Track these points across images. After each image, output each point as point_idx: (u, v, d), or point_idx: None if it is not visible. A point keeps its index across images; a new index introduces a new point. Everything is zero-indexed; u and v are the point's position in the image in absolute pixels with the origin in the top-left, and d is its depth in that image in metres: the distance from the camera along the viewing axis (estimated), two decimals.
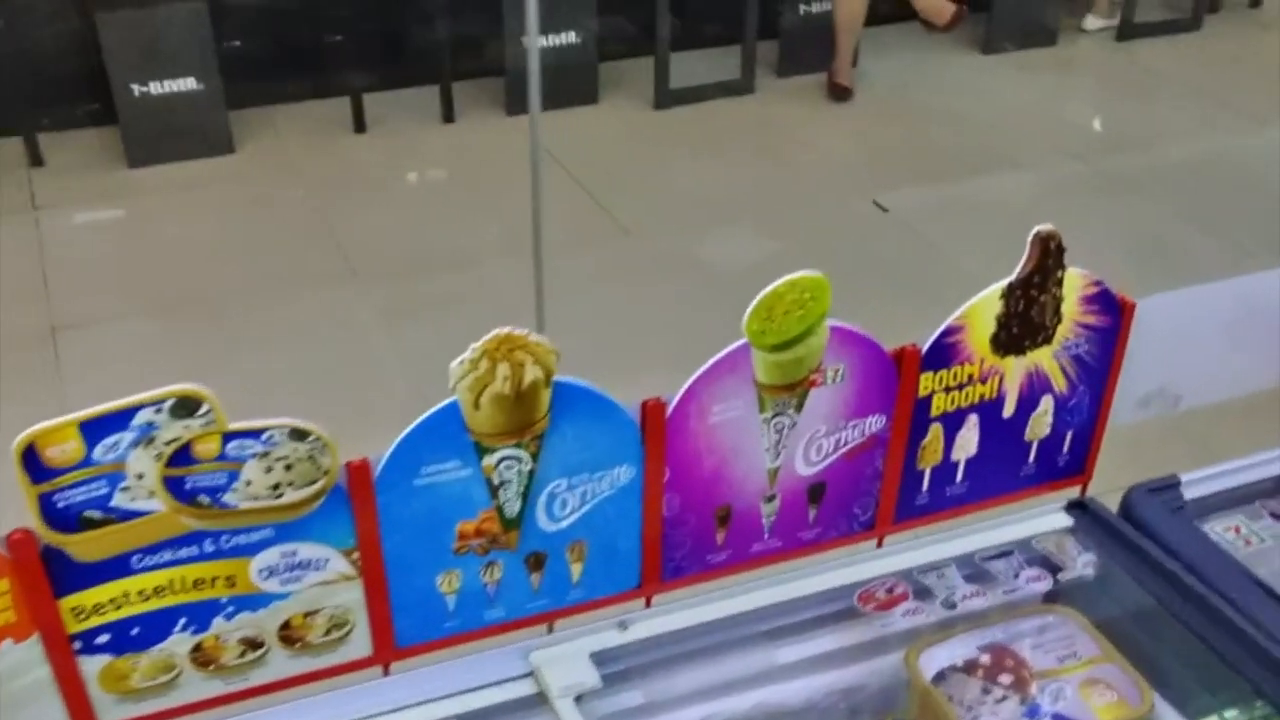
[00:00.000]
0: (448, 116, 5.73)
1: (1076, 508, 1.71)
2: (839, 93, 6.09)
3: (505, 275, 4.23)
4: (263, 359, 3.98)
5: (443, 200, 5.27)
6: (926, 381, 1.52)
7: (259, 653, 1.38)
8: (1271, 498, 1.74)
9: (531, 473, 1.38)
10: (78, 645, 1.30)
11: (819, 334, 1.42)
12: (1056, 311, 1.53)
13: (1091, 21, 6.99)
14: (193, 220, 4.93)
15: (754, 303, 1.37)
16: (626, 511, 1.46)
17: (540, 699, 1.47)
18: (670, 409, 1.41)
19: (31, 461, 1.18)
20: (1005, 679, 1.52)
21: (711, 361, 1.40)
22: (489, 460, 1.35)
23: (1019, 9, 6.69)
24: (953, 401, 1.56)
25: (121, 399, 1.20)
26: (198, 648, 1.35)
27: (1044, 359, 1.57)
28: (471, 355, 1.28)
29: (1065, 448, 1.67)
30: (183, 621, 1.33)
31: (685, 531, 1.51)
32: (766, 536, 1.57)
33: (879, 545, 1.65)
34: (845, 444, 1.53)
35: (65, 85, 5.30)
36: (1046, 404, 1.61)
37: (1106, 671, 1.52)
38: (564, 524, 1.44)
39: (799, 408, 1.47)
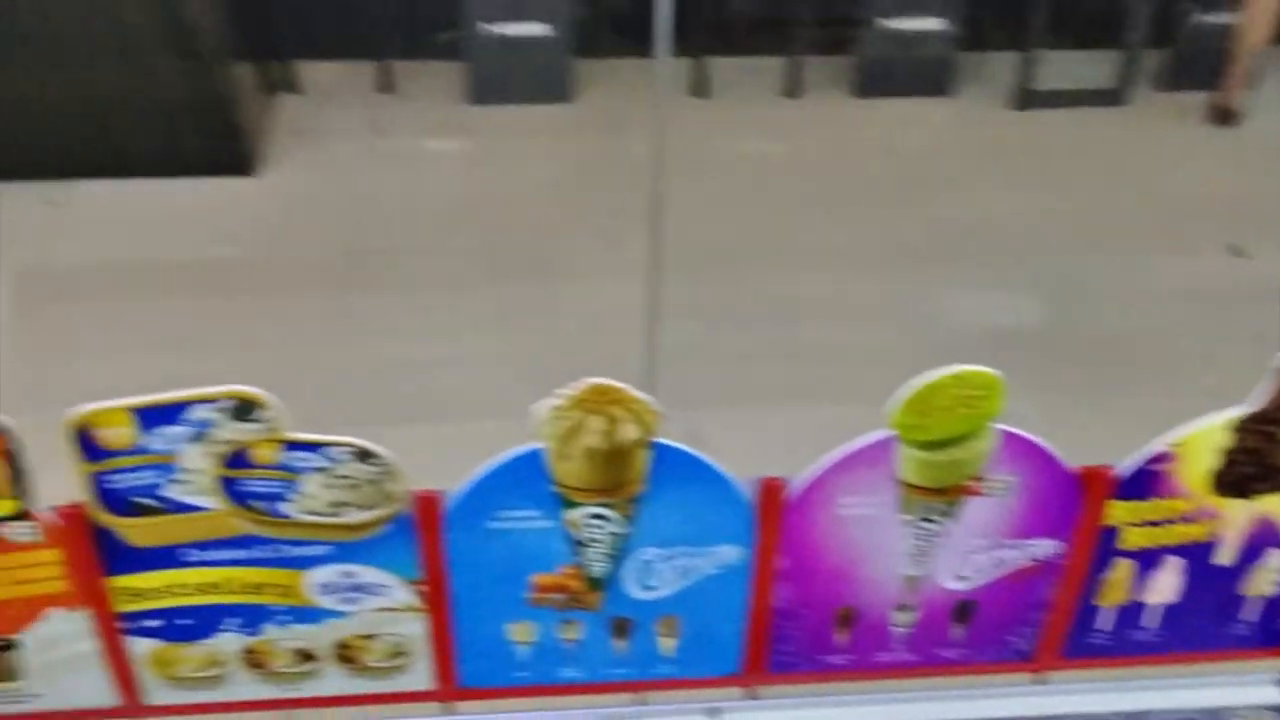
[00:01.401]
0: (792, 91, 5.36)
1: None
2: (1223, 117, 5.19)
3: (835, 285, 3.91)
4: (541, 315, 3.88)
5: (777, 186, 4.85)
6: (1119, 511, 1.25)
7: (312, 665, 1.30)
8: None
9: (622, 535, 1.22)
10: (127, 625, 1.25)
11: (984, 438, 1.18)
12: None
13: None
14: (517, 165, 4.87)
15: (907, 392, 1.15)
16: (730, 594, 1.28)
17: None
18: (793, 493, 1.22)
19: (85, 441, 1.12)
20: None
21: (846, 450, 1.19)
22: (574, 514, 1.20)
23: None
24: (1151, 538, 1.28)
25: (181, 391, 1.12)
26: (249, 650, 1.28)
27: (1278, 507, 1.27)
28: (561, 403, 1.13)
29: None
30: (234, 621, 1.26)
31: (798, 626, 1.32)
32: (897, 647, 1.35)
33: (1037, 681, 1.40)
34: (1006, 565, 1.29)
35: (424, 18, 5.37)
36: (1274, 559, 1.31)
37: None
38: (655, 595, 1.27)
39: (951, 515, 1.24)
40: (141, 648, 1.27)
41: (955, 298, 3.92)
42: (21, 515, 1.16)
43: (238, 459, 1.14)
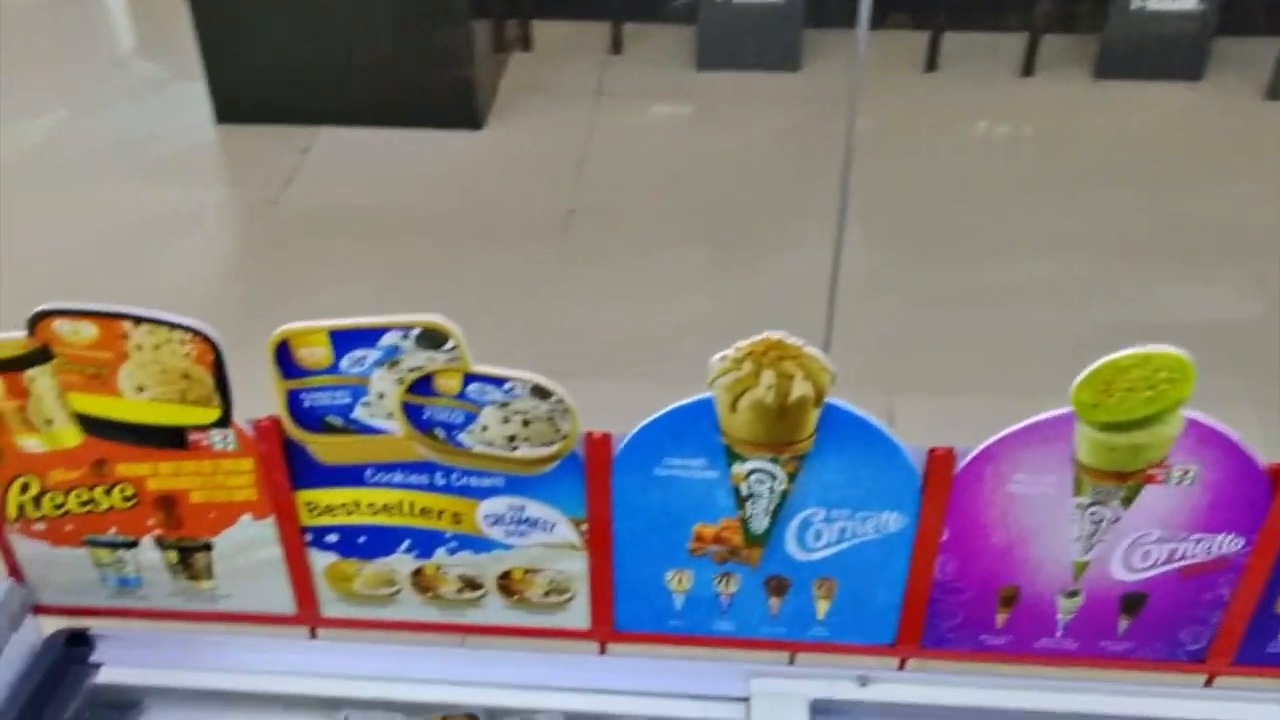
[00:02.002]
0: (1027, 69, 5.12)
1: None
2: None
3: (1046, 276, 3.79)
4: (746, 282, 3.87)
5: (1002, 167, 4.65)
6: None
7: (477, 594, 1.35)
8: None
9: (785, 493, 1.23)
10: (309, 538, 1.32)
11: (1170, 424, 1.14)
12: None
13: None
14: (739, 132, 4.84)
15: (1089, 369, 1.12)
16: (891, 562, 1.27)
17: None
18: (961, 465, 1.20)
19: (284, 358, 1.19)
20: None
21: (1022, 424, 1.17)
22: (739, 468, 1.21)
23: None
24: None
25: (375, 317, 1.18)
26: (419, 572, 1.34)
27: None
28: (734, 354, 1.14)
29: None
30: (407, 543, 1.32)
31: (958, 601, 1.30)
32: (1059, 634, 1.32)
33: (1207, 685, 1.34)
34: (1181, 558, 1.24)
35: None
36: None
37: None
38: (815, 556, 1.28)
39: (1127, 502, 1.20)
40: (321, 561, 1.34)
41: (1177, 293, 3.75)
42: (223, 424, 1.24)
43: (422, 386, 1.19)
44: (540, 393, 1.19)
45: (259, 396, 1.26)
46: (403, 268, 3.84)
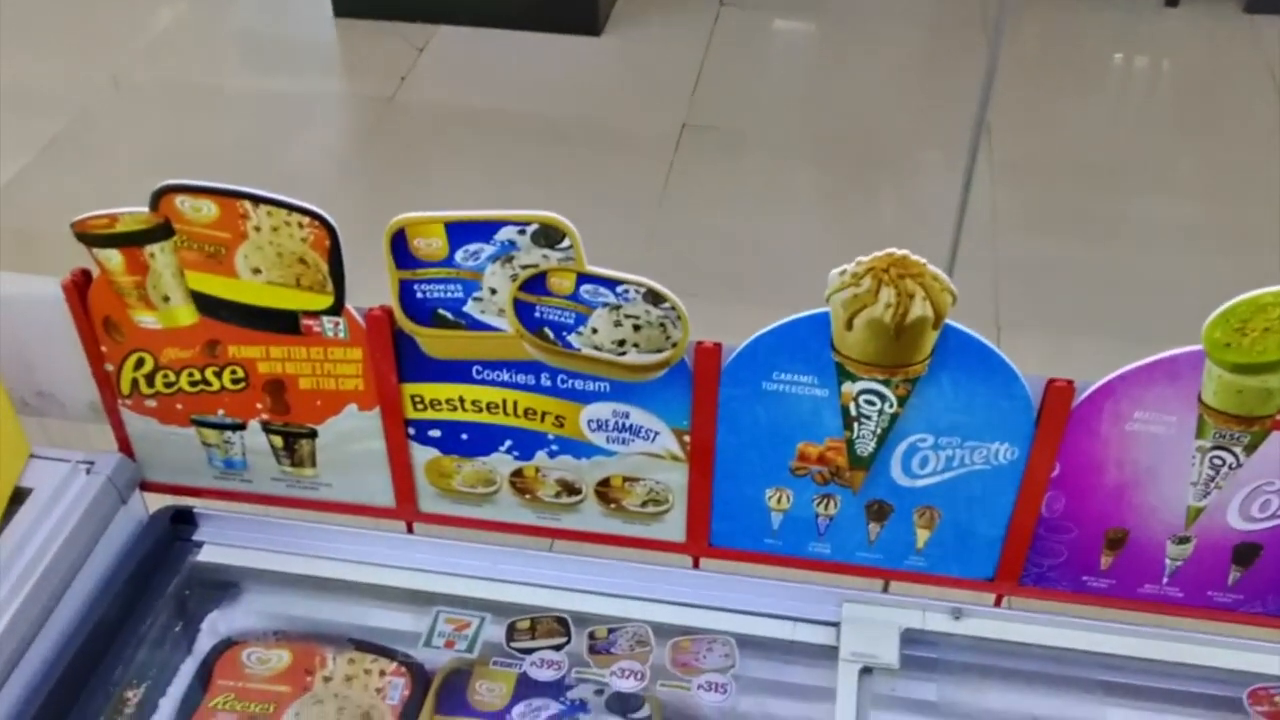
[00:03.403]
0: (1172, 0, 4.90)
1: None
2: None
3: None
4: (867, 207, 3.80)
5: (1138, 100, 4.50)
6: None
7: (575, 499, 1.35)
8: None
9: (895, 416, 1.20)
10: (411, 432, 1.33)
11: None
12: None
13: None
14: (869, 52, 4.66)
15: (1223, 306, 1.08)
16: (997, 495, 1.25)
17: (834, 653, 1.32)
18: (1081, 399, 1.17)
19: (399, 248, 1.19)
20: None
21: (1148, 360, 1.13)
22: (850, 388, 1.19)
23: None
24: None
25: (492, 210, 1.17)
26: (518, 474, 1.35)
27: None
28: (854, 269, 1.12)
29: None
30: (508, 443, 1.32)
31: (1063, 541, 1.27)
32: (1165, 581, 1.29)
33: None
34: None
35: None
36: None
37: None
38: (920, 483, 1.26)
39: (1251, 449, 1.16)
40: (422, 456, 1.35)
41: None
42: (335, 311, 1.25)
43: (535, 285, 1.19)
44: (653, 298, 1.18)
45: (372, 288, 1.27)
46: (514, 171, 3.86)
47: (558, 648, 1.36)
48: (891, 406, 1.20)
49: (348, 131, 4.29)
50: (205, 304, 1.26)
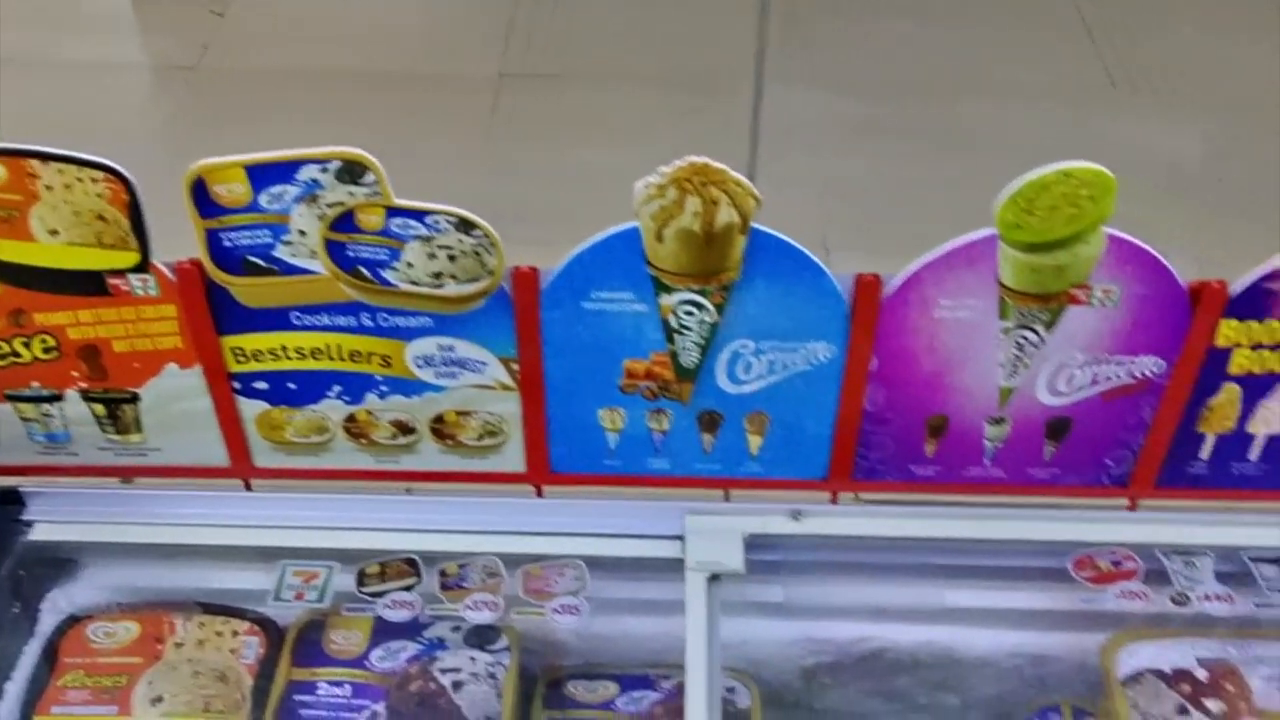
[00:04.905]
0: None
1: None
2: None
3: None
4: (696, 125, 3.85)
5: (962, 8, 4.56)
6: (1230, 331, 1.22)
7: (410, 439, 1.35)
8: None
9: (714, 325, 1.23)
10: (237, 386, 1.31)
11: (1092, 243, 1.15)
12: None
13: None
14: None
15: (1011, 188, 1.12)
16: (820, 394, 1.28)
17: (682, 566, 1.35)
18: (888, 292, 1.21)
19: (201, 196, 1.16)
20: (1214, 706, 1.24)
21: (946, 247, 1.17)
22: (668, 300, 1.21)
23: None
24: (1262, 363, 1.24)
25: (292, 150, 1.15)
26: (351, 419, 1.34)
27: None
28: (659, 180, 1.13)
29: None
30: (337, 389, 1.31)
31: (888, 432, 1.32)
32: (987, 462, 1.34)
33: (1131, 508, 1.38)
34: (1105, 381, 1.26)
35: None
36: None
37: None
38: (745, 389, 1.28)
39: (1051, 325, 1.21)
40: (251, 409, 1.33)
41: (1132, 135, 3.80)
42: (142, 269, 1.22)
43: (344, 223, 1.18)
44: (465, 226, 1.18)
45: (181, 241, 1.24)
46: (331, 131, 3.73)
47: (409, 588, 1.37)
48: (710, 315, 1.22)
49: (150, 102, 4.12)
50: (4, 271, 1.22)
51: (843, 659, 1.44)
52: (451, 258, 1.20)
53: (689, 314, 1.22)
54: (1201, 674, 1.30)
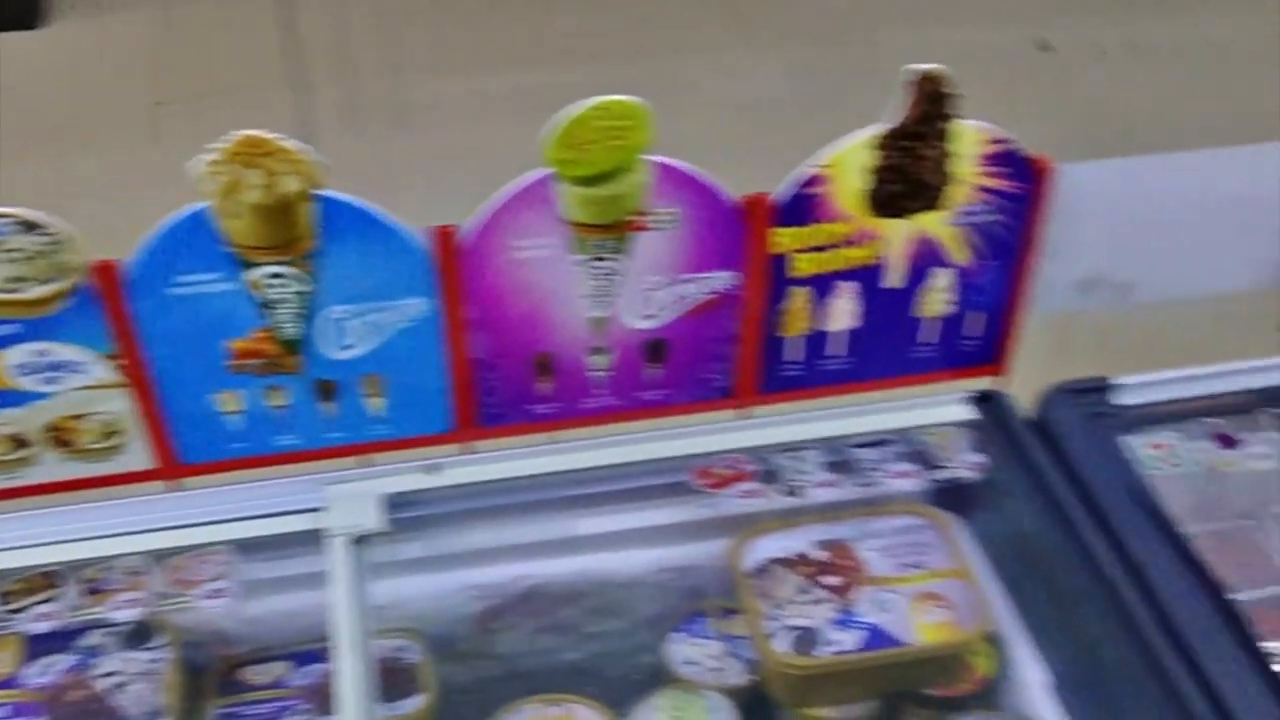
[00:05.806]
0: None
1: (980, 401, 1.50)
2: None
3: None
4: None
5: None
6: (784, 238, 1.33)
7: (27, 451, 1.34)
8: (1222, 416, 1.49)
9: (306, 294, 1.26)
10: None
11: (638, 170, 1.24)
12: (945, 170, 1.30)
13: None
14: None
15: (552, 127, 1.20)
16: (425, 348, 1.34)
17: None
18: (466, 239, 1.27)
19: None
20: (831, 580, 1.36)
21: (508, 190, 1.25)
22: (254, 275, 1.24)
23: None
24: (820, 264, 1.36)
25: None
26: None
27: (934, 226, 1.35)
28: (215, 158, 1.16)
29: (973, 331, 1.46)
30: None
31: (498, 376, 1.38)
32: (599, 392, 1.42)
33: (741, 417, 1.48)
34: (687, 300, 1.36)
35: None
36: (942, 278, 1.40)
37: (949, 587, 1.35)
38: (352, 354, 1.32)
39: (622, 253, 1.30)
40: None
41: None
42: None
43: None
44: (29, 227, 1.18)
45: None
46: None
47: (50, 600, 1.36)
48: (299, 285, 1.26)
49: None
50: None
51: (506, 600, 1.51)
52: (25, 260, 1.20)
53: (278, 286, 1.25)
54: (819, 554, 1.41)
